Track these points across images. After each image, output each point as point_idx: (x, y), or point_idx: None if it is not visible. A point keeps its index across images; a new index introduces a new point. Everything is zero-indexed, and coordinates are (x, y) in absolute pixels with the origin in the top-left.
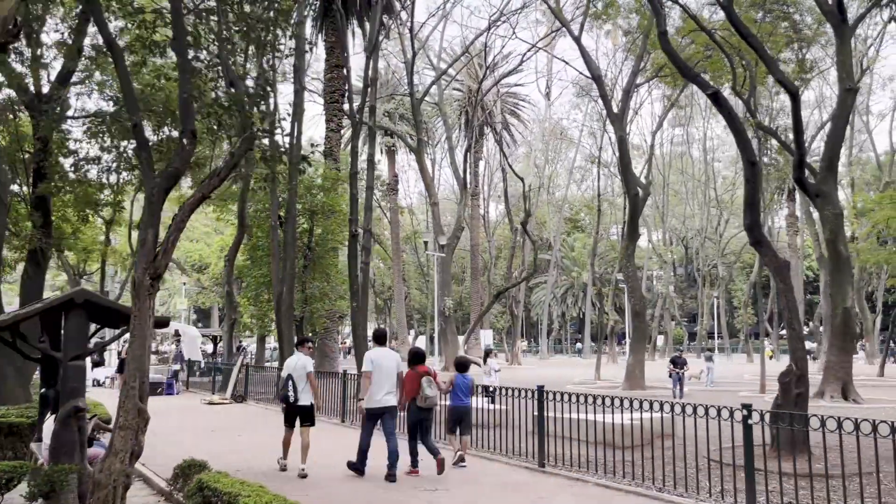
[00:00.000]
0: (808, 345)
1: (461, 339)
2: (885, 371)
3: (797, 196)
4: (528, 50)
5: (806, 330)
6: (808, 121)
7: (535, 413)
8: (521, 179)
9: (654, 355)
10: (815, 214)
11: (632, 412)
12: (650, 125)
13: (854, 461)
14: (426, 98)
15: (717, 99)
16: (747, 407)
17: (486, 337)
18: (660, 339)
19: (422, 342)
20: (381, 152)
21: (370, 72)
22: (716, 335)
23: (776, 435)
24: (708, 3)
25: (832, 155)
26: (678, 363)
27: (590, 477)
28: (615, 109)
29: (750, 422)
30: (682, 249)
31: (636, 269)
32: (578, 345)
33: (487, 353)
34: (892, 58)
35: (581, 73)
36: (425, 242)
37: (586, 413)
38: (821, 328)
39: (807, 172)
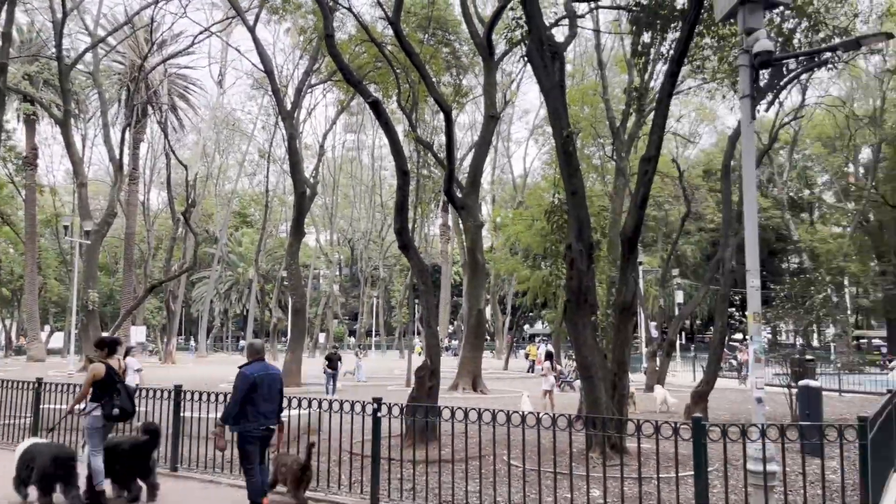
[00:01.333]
0: (453, 342)
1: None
2: (510, 365)
3: (449, 207)
4: (201, 32)
5: (451, 329)
6: (462, 140)
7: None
8: (185, 167)
9: (314, 352)
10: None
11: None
12: (324, 126)
13: (478, 445)
14: (79, 66)
15: (376, 107)
16: (377, 401)
17: (138, 334)
18: (322, 337)
19: (59, 339)
20: (18, 120)
21: (2, 24)
22: (373, 333)
23: (411, 425)
24: (381, 17)
25: (476, 173)
26: (333, 360)
27: (224, 478)
28: (287, 107)
29: (379, 415)
30: (348, 250)
31: (301, 267)
32: (241, 342)
33: (127, 352)
34: (531, 94)
35: (255, 65)
36: (66, 227)
37: None
38: (462, 327)
39: (456, 187)
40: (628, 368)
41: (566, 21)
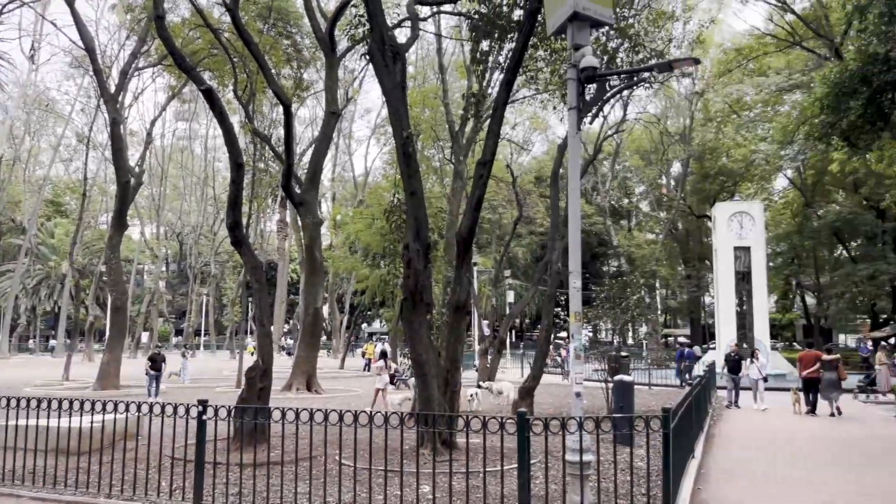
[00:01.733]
0: (288, 341)
1: None
2: (346, 364)
3: (287, 203)
4: (10, 2)
5: (286, 328)
6: (301, 135)
7: None
8: None
9: (136, 353)
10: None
11: (93, 415)
12: (153, 113)
13: (310, 446)
14: None
15: (210, 96)
16: (202, 403)
17: None
18: (145, 336)
19: None
20: None
21: None
22: (203, 332)
23: (239, 428)
24: (219, 2)
25: (315, 169)
26: (156, 361)
27: (26, 491)
28: (111, 89)
29: (204, 417)
30: (176, 245)
31: (123, 261)
32: (52, 342)
33: None
34: (373, 93)
35: (75, 42)
36: None
37: (37, 419)
38: (298, 326)
39: (294, 182)
40: (461, 366)
41: (409, 23)
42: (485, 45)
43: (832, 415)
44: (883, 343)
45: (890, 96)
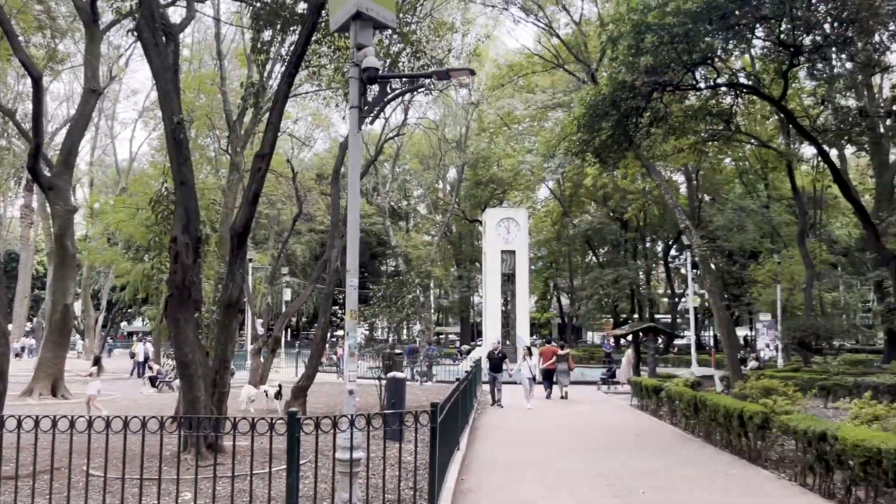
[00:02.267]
0: (30, 341)
1: None
2: (102, 366)
3: (35, 187)
4: None
5: (29, 326)
6: (54, 113)
7: None
8: None
9: None
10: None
11: None
12: None
13: (51, 457)
14: None
15: None
16: None
17: None
18: None
19: None
20: None
21: None
22: None
23: None
24: None
25: (70, 151)
26: None
27: None
28: None
29: None
30: None
31: None
32: None
33: None
34: (141, 73)
35: None
36: None
37: None
38: (43, 324)
39: (44, 164)
40: (230, 366)
41: (185, 2)
42: (267, 34)
43: (562, 397)
44: (623, 341)
45: (634, 120)
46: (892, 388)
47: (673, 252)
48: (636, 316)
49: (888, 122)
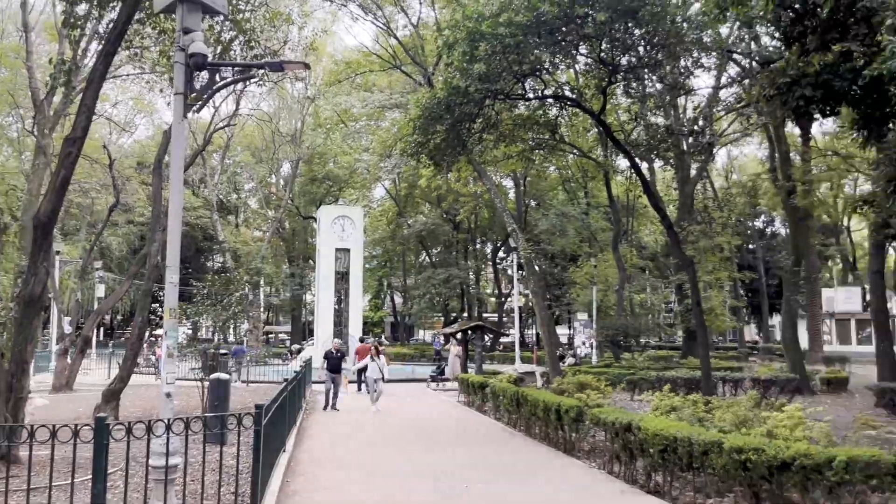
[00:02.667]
0: None
1: None
2: None
3: None
4: None
5: None
6: None
7: None
8: None
9: None
10: None
11: None
12: None
13: None
14: None
15: None
16: None
17: None
18: None
19: None
20: None
21: None
22: None
23: None
24: None
25: None
26: None
27: None
28: None
29: None
30: None
31: None
32: None
33: None
34: None
35: None
36: None
37: None
38: None
39: None
40: (30, 368)
41: None
42: (82, 8)
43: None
44: (453, 339)
45: (467, 126)
46: (688, 382)
47: (501, 254)
48: (465, 314)
49: (690, 139)
